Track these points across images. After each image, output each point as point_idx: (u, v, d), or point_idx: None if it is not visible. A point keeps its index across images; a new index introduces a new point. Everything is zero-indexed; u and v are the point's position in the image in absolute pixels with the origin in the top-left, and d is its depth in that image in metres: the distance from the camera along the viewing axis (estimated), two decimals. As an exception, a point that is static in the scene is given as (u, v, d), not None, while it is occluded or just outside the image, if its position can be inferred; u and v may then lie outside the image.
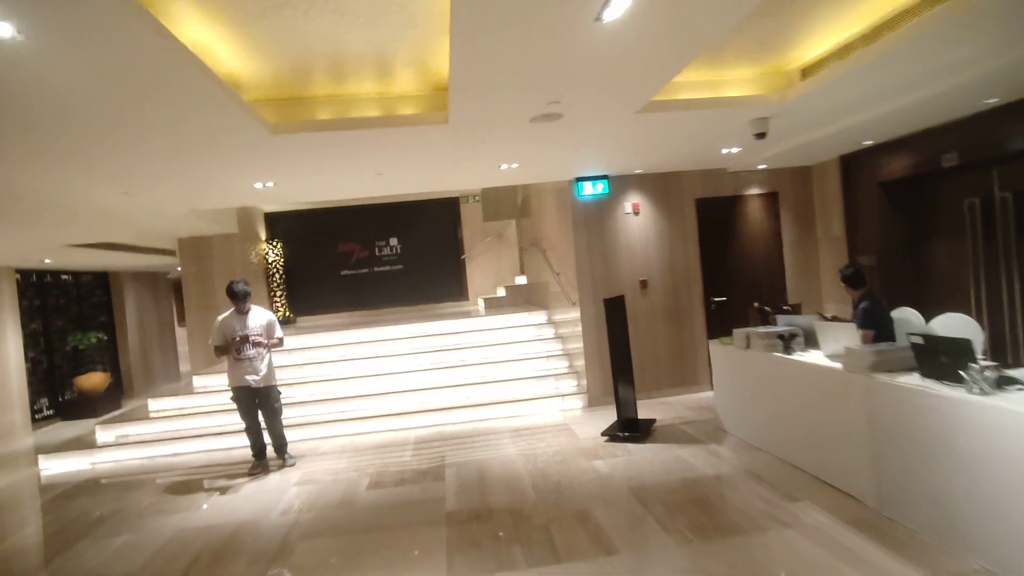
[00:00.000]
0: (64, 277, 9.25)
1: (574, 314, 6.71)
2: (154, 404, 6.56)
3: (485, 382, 6.69)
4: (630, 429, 5.20)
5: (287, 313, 10.54)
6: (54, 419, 8.33)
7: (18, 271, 8.21)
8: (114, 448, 5.86)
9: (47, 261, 7.74)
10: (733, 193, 6.93)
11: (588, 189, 6.43)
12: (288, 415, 6.24)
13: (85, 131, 3.19)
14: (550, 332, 7.75)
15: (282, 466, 5.14)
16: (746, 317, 6.78)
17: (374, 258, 11.32)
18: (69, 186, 4.61)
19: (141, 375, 10.52)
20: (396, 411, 6.29)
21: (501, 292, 10.32)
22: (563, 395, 6.48)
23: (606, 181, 6.48)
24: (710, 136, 5.05)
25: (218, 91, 2.84)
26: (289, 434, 5.87)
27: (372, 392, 6.61)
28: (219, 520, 4.11)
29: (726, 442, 4.88)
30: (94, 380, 8.24)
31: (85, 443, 6.03)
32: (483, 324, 8.02)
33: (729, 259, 6.89)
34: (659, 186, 6.72)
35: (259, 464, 5.10)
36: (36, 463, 5.81)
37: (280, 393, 5.21)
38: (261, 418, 5.10)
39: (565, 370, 6.94)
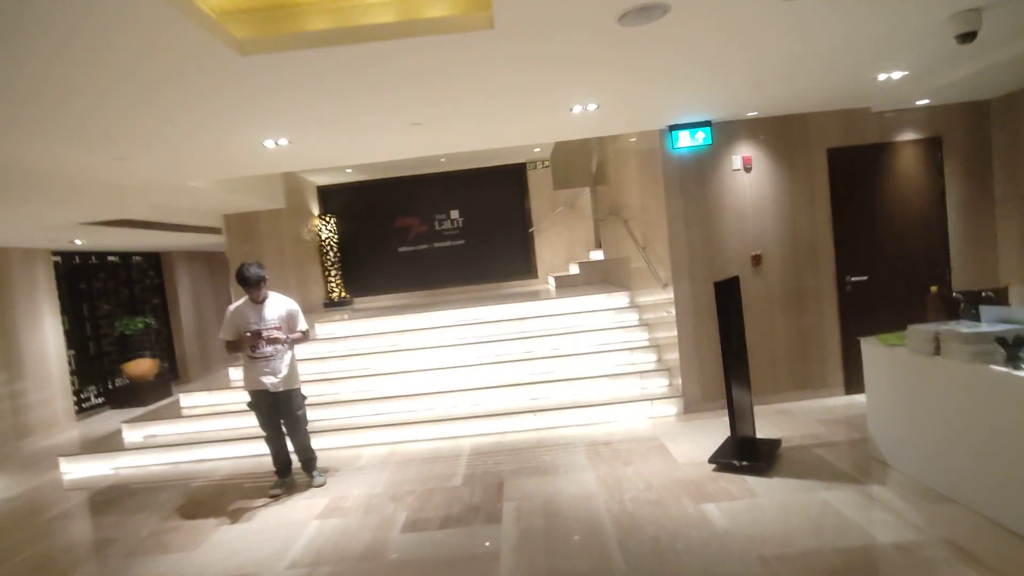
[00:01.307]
0: (111, 259, 8.94)
1: (664, 296, 5.39)
2: (187, 400, 5.96)
3: (554, 380, 5.55)
4: (749, 455, 3.89)
5: (342, 294, 9.86)
6: (103, 408, 8.08)
7: (56, 253, 7.90)
8: (139, 452, 5.27)
9: (77, 242, 7.30)
10: (878, 140, 5.27)
11: (685, 140, 5.02)
12: (327, 416, 5.44)
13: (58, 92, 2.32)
14: (633, 318, 6.47)
15: (309, 484, 4.28)
16: (895, 301, 5.19)
17: (434, 233, 10.39)
18: (58, 154, 3.85)
19: (198, 360, 10.25)
20: (449, 415, 5.30)
21: (574, 269, 9.10)
22: (651, 399, 5.22)
23: (708, 129, 5.04)
24: (871, 50, 3.52)
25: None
26: (327, 440, 5.06)
27: (423, 391, 5.64)
28: (216, 568, 3.27)
29: (891, 481, 3.47)
30: (142, 367, 7.90)
31: (112, 444, 5.49)
32: (553, 308, 6.85)
33: (871, 227, 5.27)
34: (779, 133, 5.19)
35: (283, 483, 4.26)
36: (58, 465, 5.33)
37: (305, 398, 4.33)
38: (285, 428, 4.25)
39: (653, 366, 5.66)
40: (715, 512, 3.30)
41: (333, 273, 9.86)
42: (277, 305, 4.14)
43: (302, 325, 4.27)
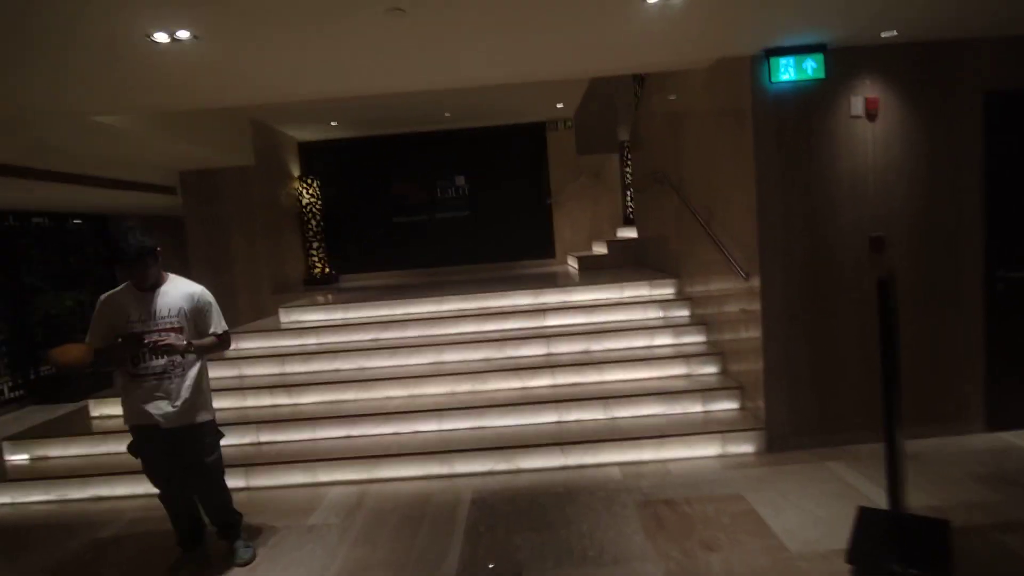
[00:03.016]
0: (37, 221, 7.43)
1: (737, 286, 3.93)
2: (97, 408, 4.57)
3: (586, 397, 4.13)
4: (914, 553, 2.46)
5: (326, 270, 8.43)
6: (23, 402, 6.71)
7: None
8: (15, 487, 3.87)
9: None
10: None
11: (787, 71, 3.50)
12: (281, 439, 4.04)
13: None
14: (684, 314, 5.03)
15: (231, 560, 2.87)
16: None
17: (435, 202, 8.93)
18: None
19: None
20: (443, 445, 3.89)
21: (600, 249, 7.63)
22: (722, 430, 3.79)
23: (820, 57, 3.51)
24: None
25: None
26: (276, 475, 3.70)
27: (410, 407, 4.23)
28: None
29: None
30: (72, 353, 6.52)
31: (-9, 465, 4.12)
32: (580, 298, 5.43)
33: (1039, 202, 3.78)
34: (917, 67, 3.65)
35: (187, 560, 2.84)
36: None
37: (221, 435, 2.88)
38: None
39: (716, 380, 4.24)
40: None
41: (316, 246, 8.43)
42: (176, 295, 2.71)
43: (217, 325, 2.82)
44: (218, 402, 4.55)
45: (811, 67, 3.46)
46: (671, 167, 5.31)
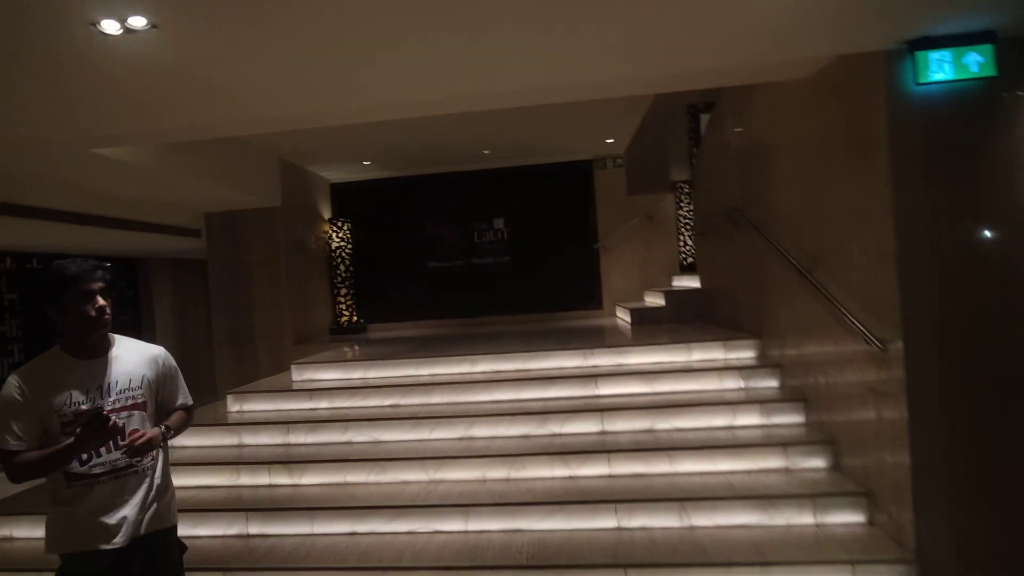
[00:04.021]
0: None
1: (852, 348, 2.98)
2: None
3: (653, 498, 3.18)
4: None
5: (354, 318, 7.81)
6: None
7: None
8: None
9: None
10: None
11: (941, 69, 2.64)
12: (272, 532, 3.21)
13: None
14: (770, 384, 4.06)
15: None
16: None
17: (472, 246, 8.28)
18: None
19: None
20: (468, 558, 3.00)
21: (655, 300, 6.74)
22: (851, 560, 2.75)
23: (990, 48, 2.63)
24: None
25: None
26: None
27: (431, 500, 3.38)
28: None
29: None
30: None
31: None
32: (637, 360, 4.56)
33: None
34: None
35: None
36: None
37: (185, 550, 2.12)
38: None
39: (827, 479, 3.22)
40: None
41: (344, 292, 7.85)
42: (134, 359, 1.98)
43: (186, 394, 2.13)
44: (209, 478, 3.87)
45: (976, 62, 2.59)
46: (752, 204, 4.45)
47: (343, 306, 7.83)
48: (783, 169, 3.87)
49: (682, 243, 7.88)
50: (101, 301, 1.85)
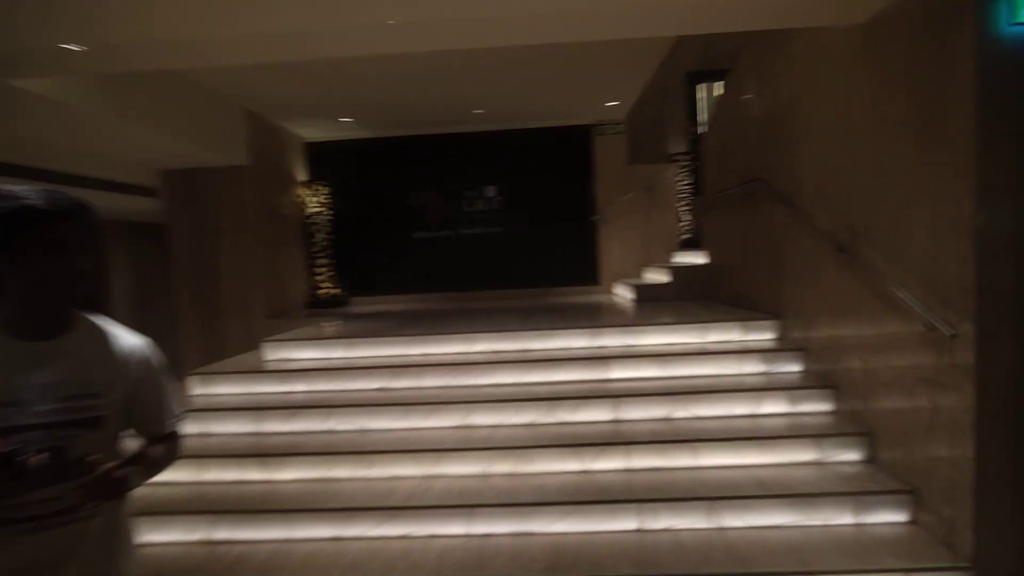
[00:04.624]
0: None
1: (898, 329, 2.66)
2: None
3: (678, 497, 2.85)
4: None
5: (333, 291, 7.29)
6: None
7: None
8: None
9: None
10: None
11: (1030, 13, 2.25)
12: (238, 540, 2.78)
13: None
14: (794, 368, 3.75)
15: None
16: None
17: (461, 216, 7.80)
18: None
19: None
20: (472, 568, 2.63)
21: (658, 276, 6.39)
22: (903, 569, 2.46)
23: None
24: None
25: None
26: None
27: (424, 497, 2.99)
28: None
29: None
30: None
31: None
32: (649, 341, 4.21)
33: None
34: None
35: None
36: None
37: None
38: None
39: (864, 474, 2.93)
40: None
41: (322, 263, 7.31)
42: (98, 349, 1.33)
43: (174, 417, 1.46)
44: (167, 474, 3.40)
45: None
46: (775, 175, 4.06)
47: (321, 278, 7.31)
48: (819, 134, 3.48)
49: (683, 218, 7.53)
50: (74, 256, 1.22)
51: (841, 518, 2.76)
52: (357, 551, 2.78)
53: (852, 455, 3.08)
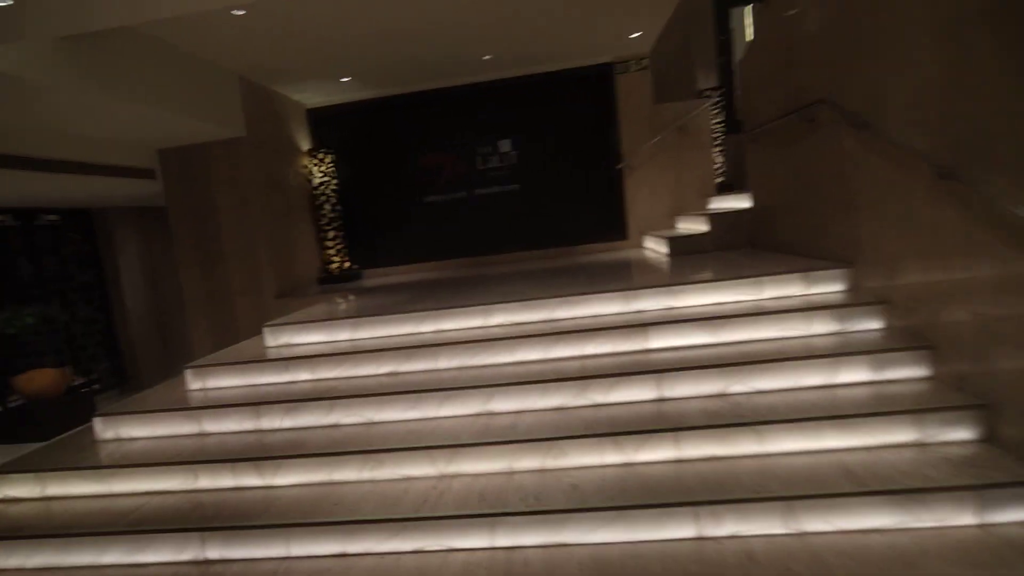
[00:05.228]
0: None
1: (1020, 268, 2.03)
2: (111, 429, 3.12)
3: (746, 498, 2.32)
4: None
5: (345, 264, 6.89)
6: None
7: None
8: None
9: None
10: None
11: None
12: (233, 559, 2.43)
13: None
14: (874, 325, 3.14)
15: None
16: None
17: (476, 175, 7.21)
18: None
19: (155, 356, 7.58)
20: (499, 586, 2.19)
21: (695, 225, 5.76)
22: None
23: None
24: None
25: None
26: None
27: (439, 501, 2.55)
28: None
29: None
30: (42, 379, 5.24)
31: None
32: (693, 301, 3.65)
33: None
34: None
35: None
36: None
37: None
38: None
39: (981, 456, 2.34)
40: None
41: (331, 235, 6.89)
42: None
43: None
44: (159, 481, 3.06)
45: None
46: (843, 93, 3.34)
47: (332, 251, 6.88)
48: (911, 38, 2.74)
49: (719, 160, 6.78)
50: None
51: (961, 517, 2.20)
52: (365, 570, 2.38)
53: (964, 433, 2.48)
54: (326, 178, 6.84)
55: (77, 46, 3.80)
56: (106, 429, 3.38)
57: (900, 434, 2.53)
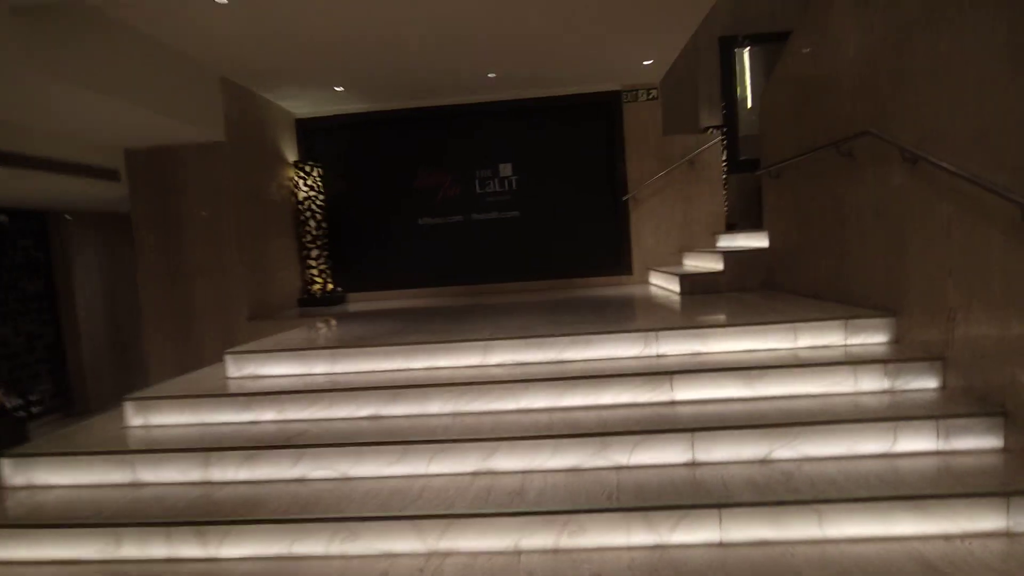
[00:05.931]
0: None
1: None
2: (22, 475, 2.52)
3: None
4: None
5: (328, 286, 6.40)
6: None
7: None
8: None
9: None
10: None
11: None
12: None
13: None
14: (928, 384, 2.74)
15: None
16: None
17: (473, 198, 6.84)
18: None
19: (109, 377, 6.92)
20: None
21: (709, 263, 5.40)
22: None
23: None
24: None
25: None
26: None
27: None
28: None
29: None
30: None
31: None
32: (722, 347, 3.23)
33: None
34: None
35: None
36: None
37: None
38: None
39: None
40: None
41: (315, 254, 6.40)
42: None
43: None
44: (71, 549, 2.42)
45: None
46: (891, 125, 3.03)
47: (314, 271, 6.38)
48: (982, 59, 2.43)
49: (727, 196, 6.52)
50: None
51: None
52: None
53: (1064, 522, 2.07)
54: (312, 192, 6.39)
55: (33, 23, 3.37)
56: (15, 473, 2.80)
57: (984, 520, 2.12)
